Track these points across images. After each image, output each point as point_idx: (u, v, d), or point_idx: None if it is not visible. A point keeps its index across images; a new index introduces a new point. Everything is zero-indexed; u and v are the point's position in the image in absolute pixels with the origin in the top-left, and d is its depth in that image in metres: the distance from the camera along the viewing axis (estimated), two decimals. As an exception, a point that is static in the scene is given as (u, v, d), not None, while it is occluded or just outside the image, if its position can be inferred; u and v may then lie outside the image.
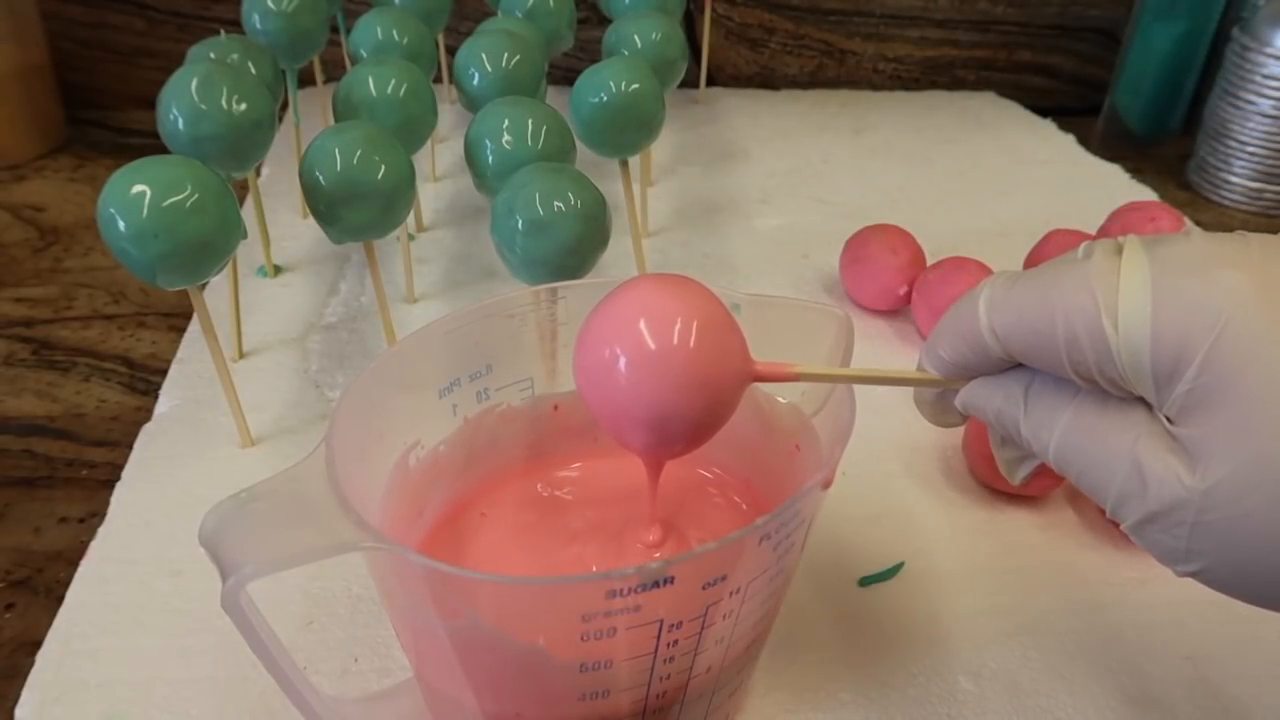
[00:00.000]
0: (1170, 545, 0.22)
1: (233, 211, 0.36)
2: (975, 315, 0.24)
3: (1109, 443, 0.23)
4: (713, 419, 0.26)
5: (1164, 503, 0.22)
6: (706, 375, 0.25)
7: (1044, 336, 0.23)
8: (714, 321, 0.25)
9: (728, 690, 0.29)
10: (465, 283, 0.55)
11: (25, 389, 0.48)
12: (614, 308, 0.26)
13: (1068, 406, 0.24)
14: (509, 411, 0.33)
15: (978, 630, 0.36)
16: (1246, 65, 0.67)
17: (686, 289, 0.26)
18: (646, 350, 0.25)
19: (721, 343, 0.25)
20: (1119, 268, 0.22)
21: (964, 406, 0.26)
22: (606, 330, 0.25)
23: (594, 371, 0.26)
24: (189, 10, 0.76)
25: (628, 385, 0.25)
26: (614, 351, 0.25)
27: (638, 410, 0.25)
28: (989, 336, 0.24)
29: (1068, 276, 0.22)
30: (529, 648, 0.25)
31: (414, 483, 0.31)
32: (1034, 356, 0.23)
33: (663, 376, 0.25)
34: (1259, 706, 0.33)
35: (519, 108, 0.42)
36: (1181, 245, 0.22)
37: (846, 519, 0.40)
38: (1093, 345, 0.22)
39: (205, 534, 0.23)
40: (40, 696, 0.32)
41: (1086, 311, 0.22)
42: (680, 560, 0.23)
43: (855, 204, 0.66)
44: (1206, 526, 0.21)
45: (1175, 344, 0.21)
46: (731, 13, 0.82)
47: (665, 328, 0.25)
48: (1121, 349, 0.21)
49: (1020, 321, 0.23)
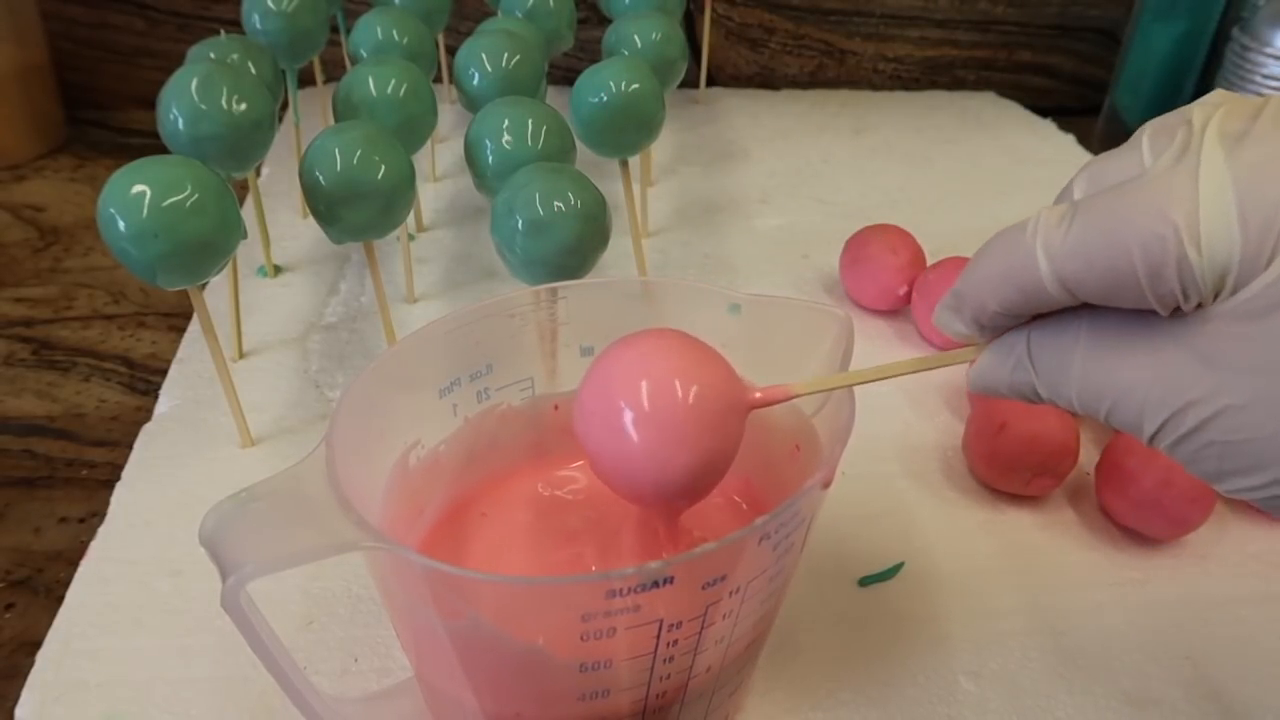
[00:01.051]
0: (1205, 466, 0.21)
1: (233, 211, 0.36)
2: (1033, 264, 0.22)
3: (1133, 370, 0.21)
4: (723, 459, 0.26)
5: (1196, 420, 0.20)
6: (707, 433, 0.25)
7: (1123, 277, 0.20)
8: (703, 374, 0.26)
9: (728, 690, 0.29)
10: (465, 283, 0.55)
11: (25, 389, 0.48)
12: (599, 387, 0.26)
13: (1076, 349, 0.22)
14: (509, 411, 0.33)
15: (978, 630, 0.36)
16: (1246, 65, 0.67)
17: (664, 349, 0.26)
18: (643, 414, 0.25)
19: (715, 393, 0.25)
20: (1196, 180, 0.20)
21: (976, 389, 0.25)
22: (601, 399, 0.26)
23: (601, 449, 0.26)
24: (189, 10, 0.76)
25: (636, 460, 0.25)
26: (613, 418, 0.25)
27: (650, 481, 0.26)
28: (1055, 287, 0.21)
29: (1138, 200, 0.20)
30: (529, 647, 0.25)
31: (414, 482, 0.31)
32: (1111, 297, 0.21)
33: (668, 452, 0.25)
34: (1259, 706, 0.33)
35: (519, 108, 0.41)
36: (1266, 137, 0.20)
37: (846, 519, 0.40)
38: (1180, 275, 0.20)
39: (205, 533, 0.23)
40: (40, 696, 0.32)
41: (1167, 241, 0.20)
42: (680, 560, 0.23)
43: (855, 204, 0.66)
44: (1240, 445, 0.20)
45: (1263, 248, 0.19)
46: (731, 13, 0.82)
47: (659, 401, 0.25)
48: (1208, 271, 0.20)
49: (1091, 265, 0.21)
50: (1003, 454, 0.40)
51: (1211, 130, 0.20)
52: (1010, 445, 0.40)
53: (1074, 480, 0.42)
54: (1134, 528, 0.39)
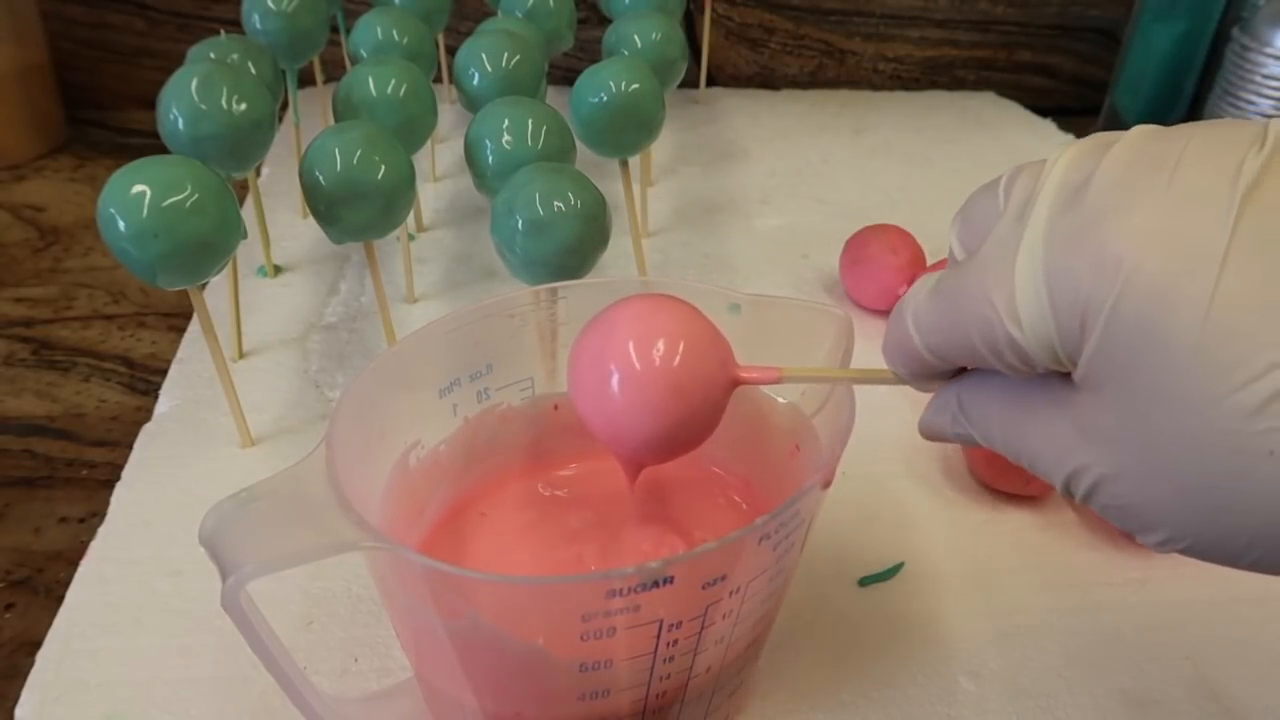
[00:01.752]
0: (1115, 520, 0.21)
1: (233, 211, 0.36)
2: (907, 334, 0.24)
3: (1035, 430, 0.22)
4: (698, 427, 0.27)
5: (1089, 482, 0.21)
6: (686, 391, 0.26)
7: (968, 349, 0.22)
8: (692, 336, 0.26)
9: (727, 690, 0.29)
10: (465, 283, 0.55)
11: (25, 389, 0.48)
12: (597, 335, 0.27)
13: (995, 401, 0.23)
14: (509, 411, 0.33)
15: (978, 630, 0.36)
16: (1246, 65, 0.67)
17: (661, 309, 0.27)
18: (630, 374, 0.26)
19: (701, 357, 0.26)
20: (1014, 259, 0.20)
21: (927, 436, 0.26)
22: (592, 359, 0.26)
23: (587, 396, 0.27)
24: (189, 10, 0.76)
25: (618, 409, 0.26)
26: (602, 377, 0.26)
27: (629, 429, 0.26)
28: (927, 355, 0.23)
29: (969, 285, 0.21)
30: (529, 647, 0.25)
31: (414, 483, 0.31)
32: (971, 361, 0.22)
33: (645, 398, 0.25)
34: (1259, 706, 0.33)
35: (519, 108, 0.41)
36: (1082, 198, 0.20)
37: (846, 519, 0.40)
38: (1009, 350, 0.21)
39: (205, 533, 0.23)
40: (40, 696, 0.32)
41: (990, 323, 0.21)
42: (680, 560, 0.23)
43: (855, 204, 0.66)
44: (1130, 508, 0.20)
45: (1076, 327, 0.19)
46: (731, 13, 0.82)
47: (645, 351, 0.26)
48: (1032, 345, 0.20)
49: (943, 338, 0.22)
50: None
51: (1049, 187, 0.21)
52: (1010, 445, 0.39)
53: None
54: (1134, 528, 0.39)
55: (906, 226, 0.54)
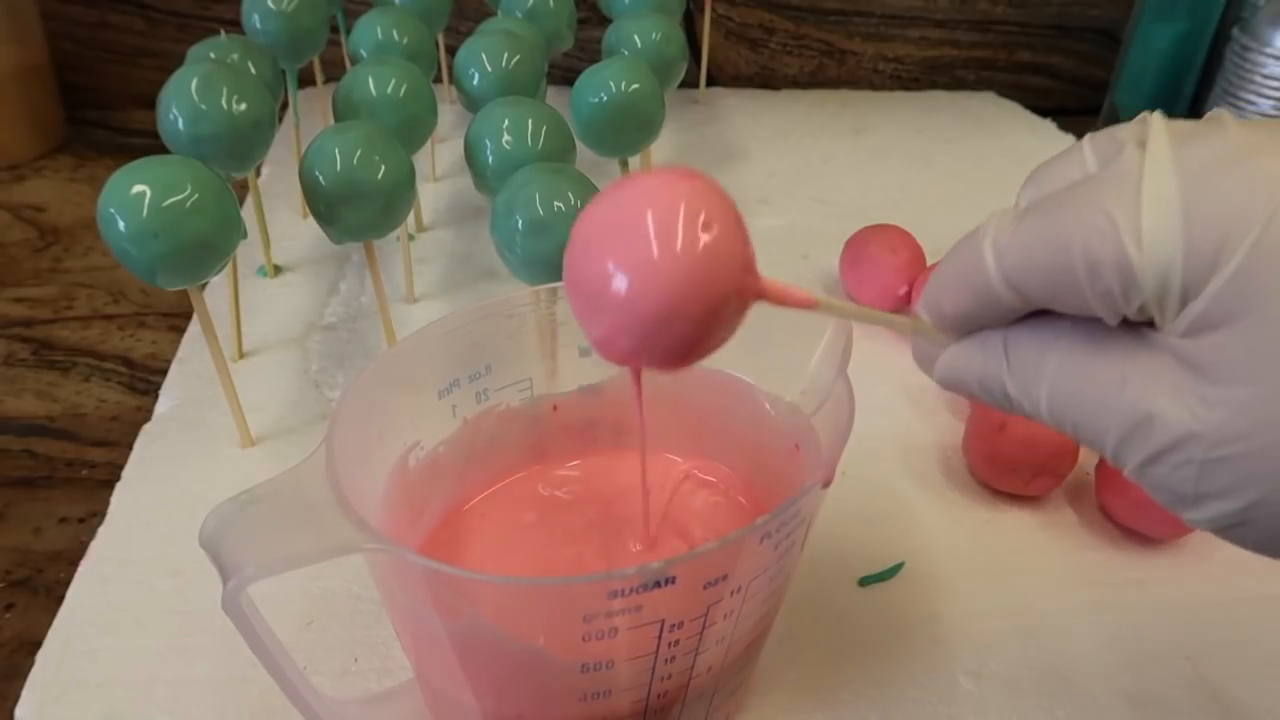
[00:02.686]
0: (1179, 488, 0.20)
1: (233, 211, 0.36)
2: (981, 263, 0.21)
3: (1104, 379, 0.20)
4: (710, 339, 0.23)
5: (1170, 437, 0.19)
6: (711, 292, 0.22)
7: (1063, 273, 0.20)
8: (723, 227, 0.22)
9: (728, 690, 0.29)
10: (465, 283, 0.55)
11: (25, 389, 0.48)
12: (614, 199, 0.22)
13: (1053, 348, 0.21)
14: (508, 412, 0.33)
15: (978, 630, 0.36)
16: (1246, 65, 0.67)
17: (695, 186, 0.22)
18: (642, 249, 0.21)
19: (730, 256, 0.22)
20: (1140, 176, 0.19)
21: (944, 380, 0.24)
22: (601, 224, 0.22)
23: (583, 269, 0.22)
24: (189, 10, 0.76)
25: (620, 287, 0.21)
26: (609, 254, 0.21)
27: (626, 315, 0.21)
28: (1000, 286, 0.21)
29: (1079, 199, 0.20)
30: (530, 648, 0.25)
31: (413, 484, 0.31)
32: (1054, 297, 0.20)
33: (658, 280, 0.21)
34: (1259, 706, 0.33)
35: (519, 108, 0.41)
36: (1214, 139, 0.19)
37: (846, 519, 0.40)
38: (1117, 272, 0.19)
39: (205, 536, 0.23)
40: (40, 696, 0.32)
41: (1105, 235, 0.19)
42: (681, 560, 0.23)
43: (855, 204, 0.66)
44: (1220, 462, 0.19)
45: (1211, 251, 0.18)
46: (731, 13, 0.82)
47: (669, 233, 0.21)
48: (1148, 270, 0.19)
49: (1033, 262, 0.20)
50: (1003, 454, 0.40)
51: (1160, 130, 0.20)
52: (1010, 445, 0.40)
53: (1074, 480, 0.42)
54: (1134, 528, 0.39)
55: (906, 226, 0.54)
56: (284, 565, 0.23)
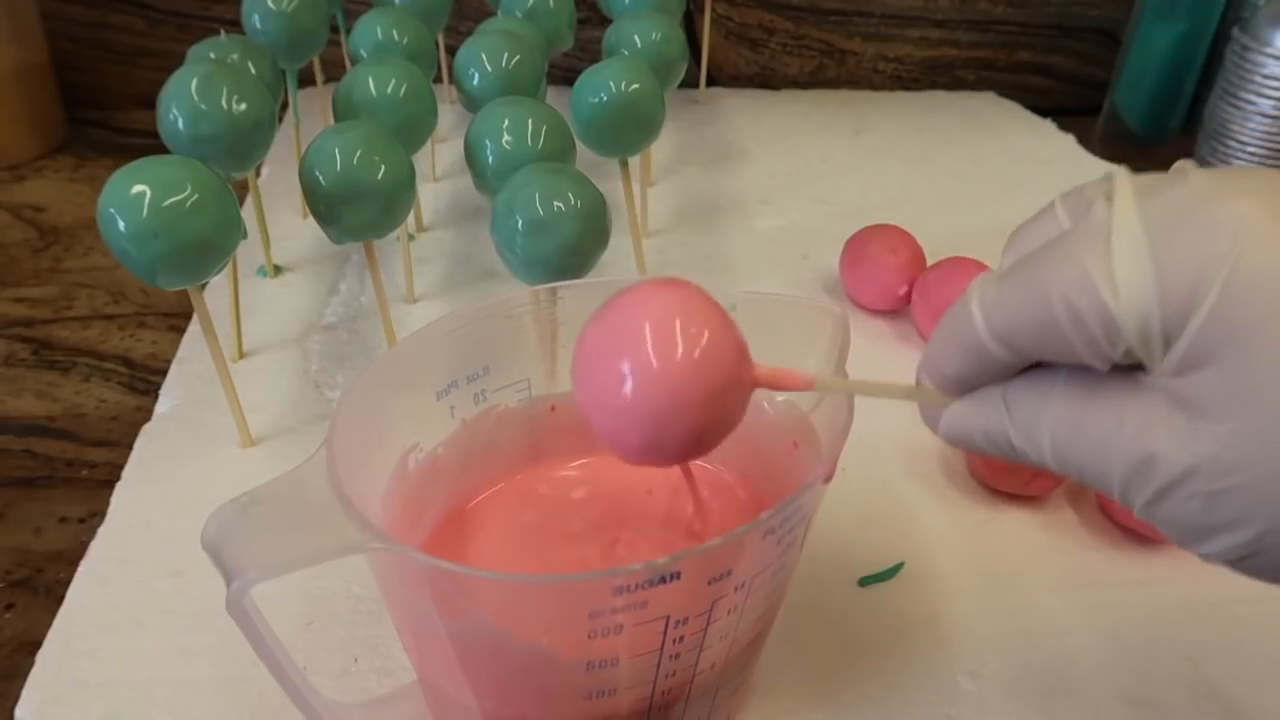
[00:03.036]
0: (1187, 523, 0.20)
1: (233, 211, 0.36)
2: (971, 324, 0.22)
3: (1102, 423, 0.21)
4: (715, 432, 0.25)
5: (1172, 475, 0.20)
6: (708, 391, 0.23)
7: (1046, 325, 0.21)
8: (716, 333, 0.24)
9: (730, 688, 0.29)
10: (465, 283, 0.55)
11: (25, 389, 0.48)
12: (614, 318, 0.24)
13: (1051, 398, 0.22)
14: (506, 413, 0.33)
15: (978, 630, 0.36)
16: (1246, 65, 0.67)
17: (687, 298, 0.24)
18: (647, 366, 0.23)
19: (724, 355, 0.24)
20: (1108, 229, 0.20)
21: (950, 436, 0.25)
22: (605, 342, 0.24)
23: (592, 385, 0.24)
24: (189, 10, 0.76)
25: (627, 401, 0.23)
26: (613, 366, 0.24)
27: (636, 425, 0.24)
28: (991, 343, 0.22)
29: (1054, 255, 0.21)
30: (535, 647, 0.25)
31: (413, 486, 0.31)
32: (1044, 349, 0.21)
33: (663, 393, 0.23)
34: (1259, 706, 0.33)
35: (519, 108, 0.41)
36: (1176, 188, 0.20)
37: (846, 519, 0.40)
38: (1098, 320, 0.20)
39: (208, 539, 0.23)
40: (40, 696, 0.32)
41: (1081, 287, 0.20)
42: (687, 555, 0.23)
43: (855, 204, 0.66)
44: (1223, 495, 0.19)
45: (1185, 293, 0.19)
46: (731, 13, 0.82)
47: (667, 342, 0.23)
48: (1126, 316, 0.19)
49: (1018, 318, 0.21)
50: (1003, 454, 0.40)
51: (1124, 184, 0.21)
52: (1010, 445, 0.39)
53: (1074, 480, 0.42)
54: (1134, 528, 0.39)
55: (906, 226, 0.54)
56: (288, 566, 0.23)
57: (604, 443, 0.25)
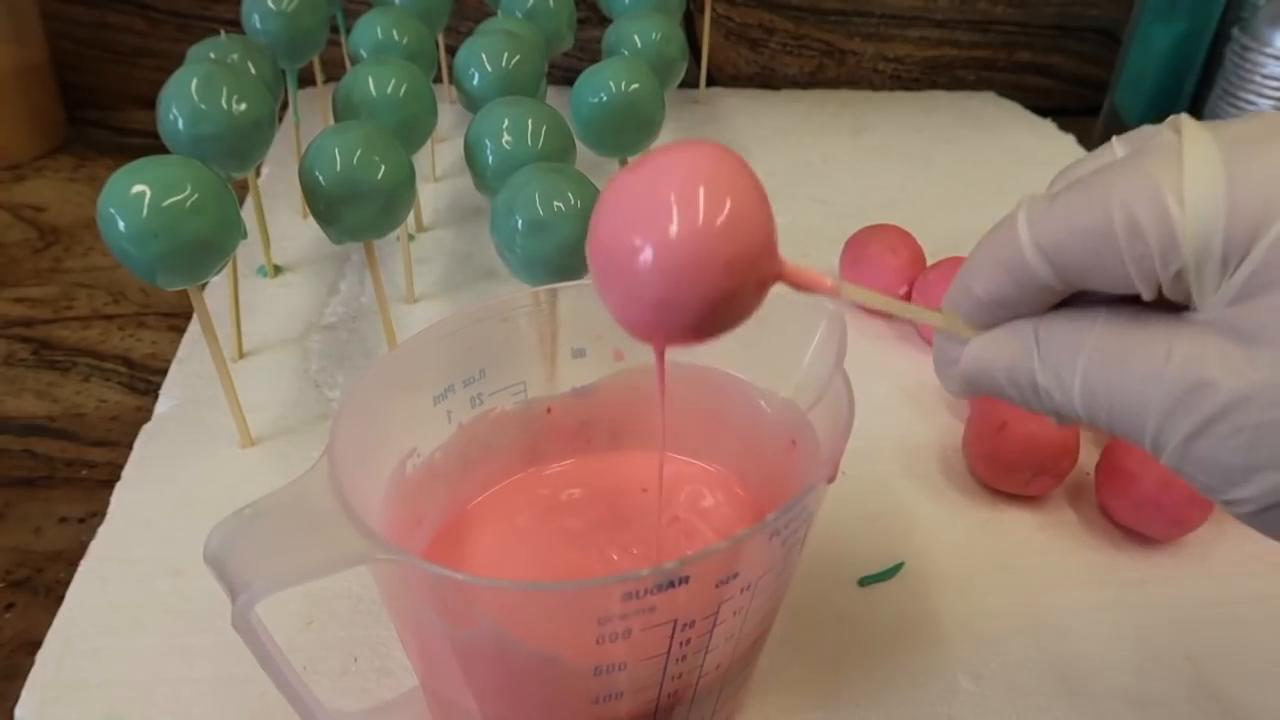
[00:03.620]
0: (1227, 460, 0.19)
1: (233, 211, 0.36)
2: (1015, 236, 0.21)
3: (1147, 355, 0.20)
4: (727, 314, 0.23)
5: (1221, 403, 0.18)
6: (730, 263, 0.22)
7: (1100, 237, 0.19)
8: (748, 206, 0.22)
9: (732, 688, 0.29)
10: (465, 283, 0.55)
11: (25, 389, 0.48)
12: (640, 171, 0.23)
13: (1090, 332, 0.21)
14: (502, 416, 0.33)
15: (978, 630, 0.36)
16: (1246, 65, 0.67)
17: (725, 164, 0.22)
18: (669, 226, 0.21)
19: (752, 232, 0.22)
20: (1179, 149, 0.19)
21: (970, 373, 0.23)
22: (629, 198, 0.22)
23: (609, 242, 0.23)
24: (189, 10, 0.76)
25: (644, 261, 0.22)
26: (632, 225, 0.22)
27: (649, 289, 0.22)
28: (1034, 257, 0.21)
29: (1121, 168, 0.20)
30: (543, 653, 0.25)
31: (411, 491, 0.30)
32: (1090, 266, 0.20)
33: (683, 258, 0.21)
34: (1259, 706, 0.33)
35: (519, 108, 0.41)
36: (1251, 120, 0.19)
37: (846, 519, 0.40)
38: (1158, 232, 0.19)
39: (210, 552, 0.23)
40: (40, 696, 0.32)
41: (1147, 194, 0.19)
42: (695, 559, 0.23)
43: (855, 204, 0.66)
44: (1273, 427, 0.18)
45: (1256, 212, 0.18)
46: (731, 13, 0.82)
47: (694, 209, 0.21)
48: (1188, 231, 0.18)
49: (1070, 228, 0.20)
50: (1003, 454, 0.40)
51: (1191, 120, 0.20)
52: (1010, 445, 0.40)
53: (1074, 480, 0.42)
54: (1134, 528, 0.39)
55: (906, 226, 0.54)
56: (294, 579, 0.23)
57: (611, 308, 0.23)
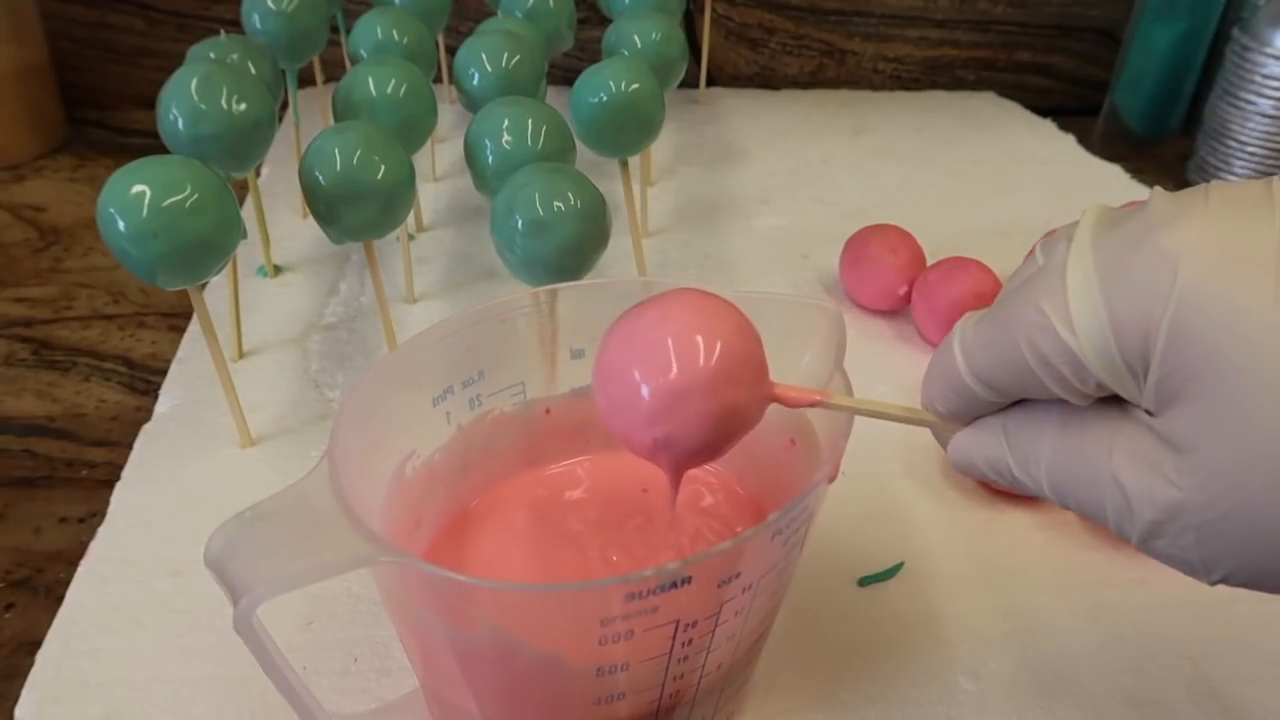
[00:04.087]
0: (1183, 557, 0.20)
1: (233, 211, 0.36)
2: (954, 365, 0.23)
3: (1092, 457, 0.21)
4: (729, 440, 0.26)
5: (1159, 511, 0.20)
6: (728, 404, 0.24)
7: (1016, 365, 0.21)
8: (739, 347, 0.25)
9: (733, 688, 0.29)
10: (465, 283, 0.55)
11: (25, 389, 0.48)
12: (639, 325, 0.25)
13: (1046, 430, 0.22)
14: (501, 417, 0.33)
15: (978, 630, 0.36)
16: (1246, 65, 0.67)
17: (712, 310, 0.25)
18: (669, 377, 0.24)
19: (745, 370, 0.25)
20: (1065, 268, 0.20)
21: (957, 465, 0.25)
22: (629, 350, 0.25)
23: (613, 392, 0.25)
24: (189, 10, 0.76)
25: (648, 409, 0.24)
26: (635, 376, 0.24)
27: (654, 432, 0.25)
28: (974, 384, 0.23)
29: (1017, 298, 0.21)
30: (546, 655, 0.25)
31: (411, 493, 0.30)
32: (1018, 387, 0.22)
33: (685, 405, 0.24)
34: (1259, 706, 0.33)
35: (519, 108, 0.41)
36: (1134, 219, 0.20)
37: (846, 519, 0.40)
38: (1062, 359, 0.20)
39: (211, 556, 0.23)
40: (40, 696, 0.32)
41: (1042, 328, 0.20)
42: (698, 560, 0.23)
43: (855, 204, 0.66)
44: (1213, 527, 0.19)
45: (1138, 331, 0.19)
46: (731, 13, 0.82)
47: (690, 354, 0.24)
48: (1087, 353, 0.20)
49: (992, 358, 0.22)
50: (1003, 454, 0.40)
51: (1087, 220, 0.21)
52: (1010, 445, 0.39)
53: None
54: (1134, 528, 0.39)
55: (906, 226, 0.54)
56: (296, 582, 0.23)
57: (622, 442, 0.26)
